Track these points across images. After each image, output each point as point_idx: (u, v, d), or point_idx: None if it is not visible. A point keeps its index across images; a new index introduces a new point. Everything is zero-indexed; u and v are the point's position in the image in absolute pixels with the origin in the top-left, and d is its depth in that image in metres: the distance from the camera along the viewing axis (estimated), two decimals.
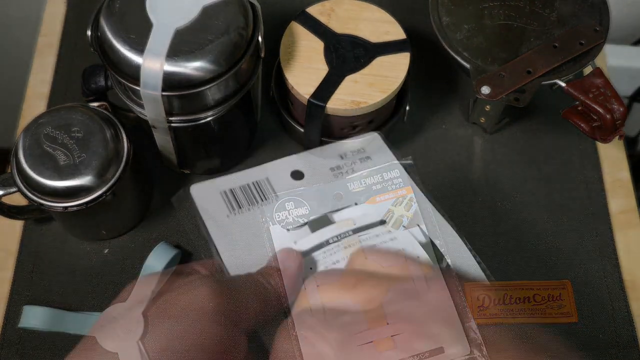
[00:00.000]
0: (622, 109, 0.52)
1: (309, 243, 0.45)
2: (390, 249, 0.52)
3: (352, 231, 0.45)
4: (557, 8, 0.57)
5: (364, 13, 0.58)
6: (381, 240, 0.52)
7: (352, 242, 0.52)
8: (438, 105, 0.65)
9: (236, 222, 0.44)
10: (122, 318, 0.54)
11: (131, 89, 0.49)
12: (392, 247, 0.53)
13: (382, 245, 0.53)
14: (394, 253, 0.53)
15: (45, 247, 0.57)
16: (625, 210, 0.60)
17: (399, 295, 0.53)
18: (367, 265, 0.54)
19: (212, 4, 0.49)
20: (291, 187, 0.46)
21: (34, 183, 0.49)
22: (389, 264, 0.53)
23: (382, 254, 0.53)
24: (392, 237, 0.50)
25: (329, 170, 0.47)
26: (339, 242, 0.46)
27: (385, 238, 0.53)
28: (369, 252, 0.53)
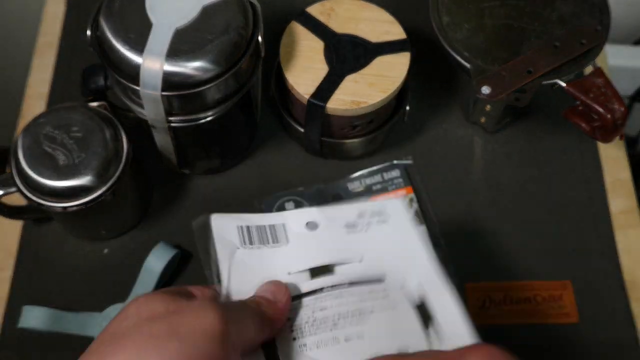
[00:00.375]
0: (623, 109, 0.52)
1: (306, 287, 0.44)
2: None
3: (348, 284, 0.45)
4: (557, 8, 0.56)
5: (364, 13, 0.58)
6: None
7: (344, 294, 0.45)
8: (438, 105, 0.65)
9: (244, 254, 0.45)
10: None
11: (131, 89, 0.49)
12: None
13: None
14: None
15: (45, 247, 0.57)
16: (625, 210, 0.60)
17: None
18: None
19: (212, 3, 0.49)
20: (304, 237, 0.46)
21: (34, 183, 0.49)
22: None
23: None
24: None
25: (343, 227, 0.47)
26: (332, 292, 0.43)
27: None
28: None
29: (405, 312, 0.43)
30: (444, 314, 0.42)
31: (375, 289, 0.44)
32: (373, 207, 0.48)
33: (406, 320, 0.43)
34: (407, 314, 0.43)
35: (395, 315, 0.42)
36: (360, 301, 0.42)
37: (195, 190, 0.60)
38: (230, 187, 0.60)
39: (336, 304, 0.42)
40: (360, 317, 0.41)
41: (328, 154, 0.61)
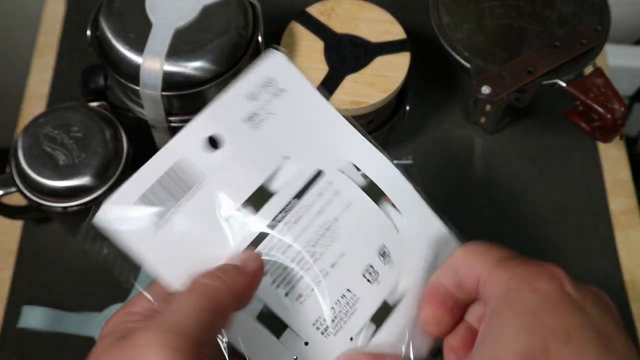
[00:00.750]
0: (623, 109, 0.52)
1: (258, 225, 0.35)
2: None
3: (295, 198, 0.36)
4: (557, 8, 0.56)
5: (364, 13, 0.57)
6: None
7: (299, 214, 0.36)
8: (438, 105, 0.65)
9: (165, 232, 0.35)
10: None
11: (131, 89, 0.49)
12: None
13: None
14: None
15: (45, 247, 0.57)
16: (625, 210, 0.60)
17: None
18: None
19: (212, 3, 0.49)
20: (217, 162, 0.35)
21: (34, 183, 0.49)
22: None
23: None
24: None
25: (246, 124, 0.36)
26: (286, 218, 0.35)
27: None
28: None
29: (363, 202, 0.37)
30: (402, 198, 0.37)
31: (323, 187, 0.37)
32: (256, 79, 0.37)
33: (369, 213, 0.37)
34: (367, 204, 0.37)
35: (358, 212, 0.37)
36: (319, 213, 0.36)
37: None
38: None
39: (299, 231, 0.35)
40: (330, 233, 0.36)
41: None
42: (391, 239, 0.37)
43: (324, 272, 0.35)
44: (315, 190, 0.36)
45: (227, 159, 0.35)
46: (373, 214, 0.38)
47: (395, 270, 0.37)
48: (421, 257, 0.38)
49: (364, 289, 0.36)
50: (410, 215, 0.39)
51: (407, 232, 0.38)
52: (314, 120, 0.38)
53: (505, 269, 0.32)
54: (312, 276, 0.35)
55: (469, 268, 0.33)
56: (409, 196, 0.39)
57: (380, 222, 0.38)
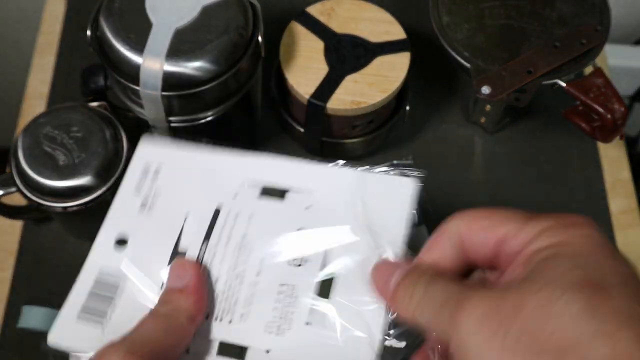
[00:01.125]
0: (623, 109, 0.52)
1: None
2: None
3: (204, 241, 0.39)
4: (557, 8, 0.56)
5: (364, 13, 0.57)
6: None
7: (213, 251, 0.39)
8: (438, 105, 0.65)
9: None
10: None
11: (131, 89, 0.49)
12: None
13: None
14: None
15: (45, 247, 0.57)
16: (625, 210, 0.60)
17: None
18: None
19: (212, 3, 0.49)
20: (126, 255, 0.39)
21: (34, 183, 0.49)
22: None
23: None
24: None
25: (138, 215, 0.40)
26: (204, 261, 0.38)
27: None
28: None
29: (265, 205, 0.39)
30: (309, 180, 0.39)
31: (224, 219, 0.39)
32: (136, 173, 0.41)
33: (274, 209, 0.39)
34: (269, 204, 0.39)
35: (263, 216, 0.39)
36: (228, 239, 0.39)
37: None
38: None
39: (218, 265, 0.38)
40: (244, 249, 0.38)
41: (328, 154, 0.61)
42: (303, 218, 0.39)
43: (253, 283, 0.37)
44: (218, 225, 0.39)
45: (136, 248, 0.39)
46: (278, 208, 0.39)
47: (321, 239, 0.38)
48: (344, 212, 0.39)
49: (296, 274, 0.37)
50: (320, 188, 0.40)
51: (319, 203, 0.39)
52: (197, 173, 0.41)
53: (538, 221, 0.29)
54: (245, 293, 0.37)
55: (479, 236, 0.31)
56: (316, 173, 0.41)
57: (286, 210, 0.39)
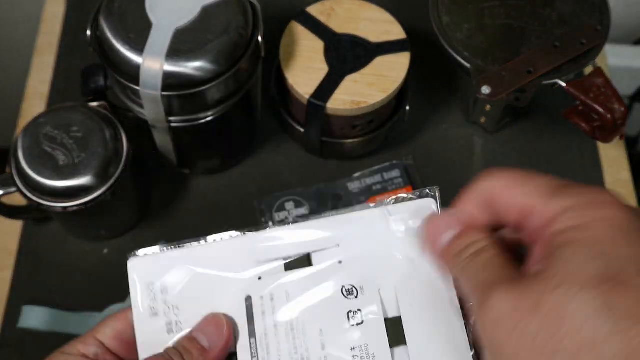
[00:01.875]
0: (623, 109, 0.52)
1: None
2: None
3: (249, 337, 0.36)
4: (557, 8, 0.56)
5: (364, 13, 0.57)
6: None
7: (266, 342, 0.36)
8: (438, 105, 0.65)
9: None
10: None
11: (131, 89, 0.49)
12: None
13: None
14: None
15: (45, 247, 0.57)
16: None
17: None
18: None
19: (212, 3, 0.49)
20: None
21: (34, 183, 0.49)
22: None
23: None
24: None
25: (167, 334, 0.37)
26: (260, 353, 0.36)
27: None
28: None
29: (296, 281, 0.37)
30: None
31: (258, 306, 0.37)
32: (143, 297, 0.37)
33: (306, 279, 0.37)
34: (299, 281, 0.37)
35: (299, 292, 0.36)
36: (275, 328, 0.36)
37: (195, 190, 0.60)
38: (230, 187, 0.60)
39: (276, 352, 0.35)
40: (297, 329, 0.36)
41: (328, 154, 0.61)
42: (342, 273, 0.37)
43: (322, 358, 0.35)
44: (257, 314, 0.36)
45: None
46: (311, 274, 0.37)
47: (370, 292, 0.36)
48: (378, 253, 0.37)
49: (362, 334, 0.35)
50: (342, 239, 0.38)
51: (349, 252, 0.37)
52: (206, 270, 0.37)
53: (563, 197, 0.28)
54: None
55: (509, 198, 0.30)
56: (334, 224, 0.38)
57: (321, 273, 0.37)
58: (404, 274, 0.36)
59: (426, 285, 0.36)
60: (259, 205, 0.58)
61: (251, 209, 0.58)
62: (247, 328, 0.36)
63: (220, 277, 0.37)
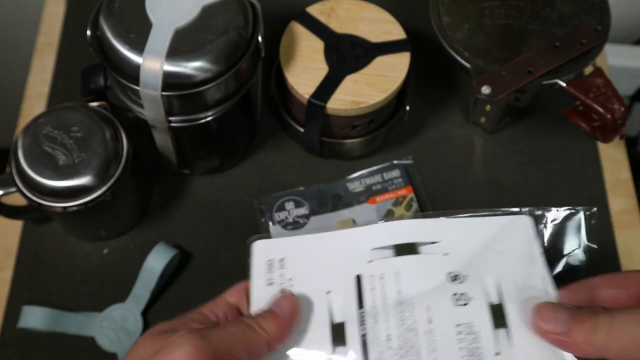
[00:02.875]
0: (623, 109, 0.52)
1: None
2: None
3: (359, 308, 0.40)
4: (557, 8, 0.56)
5: (364, 13, 0.57)
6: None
7: (374, 314, 0.40)
8: (438, 105, 0.65)
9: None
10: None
11: (131, 89, 0.49)
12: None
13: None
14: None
15: (45, 247, 0.57)
16: (625, 210, 0.60)
17: None
18: None
19: (212, 3, 0.49)
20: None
21: (34, 183, 0.49)
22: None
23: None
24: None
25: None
26: (368, 326, 0.39)
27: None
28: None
29: (405, 261, 0.41)
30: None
31: (369, 283, 0.41)
32: (261, 269, 0.43)
33: (419, 261, 0.41)
34: (410, 259, 0.41)
35: (409, 271, 0.40)
36: (384, 300, 0.39)
37: (195, 190, 0.60)
38: (230, 187, 0.60)
39: (385, 324, 0.38)
40: (404, 304, 0.39)
41: (328, 154, 0.61)
42: (447, 263, 0.41)
43: (428, 331, 0.38)
44: (366, 290, 0.40)
45: (294, 334, 0.40)
46: (419, 260, 0.41)
47: (474, 280, 0.40)
48: (480, 253, 0.42)
49: (467, 313, 0.38)
50: (445, 238, 0.42)
51: (454, 248, 0.41)
52: (320, 253, 0.43)
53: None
54: (425, 342, 0.38)
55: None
56: (434, 227, 0.43)
57: (428, 261, 0.41)
58: (505, 269, 0.40)
59: (524, 280, 0.40)
60: (259, 205, 0.58)
61: (251, 209, 0.58)
62: (355, 301, 0.40)
63: (332, 258, 0.42)
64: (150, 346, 0.37)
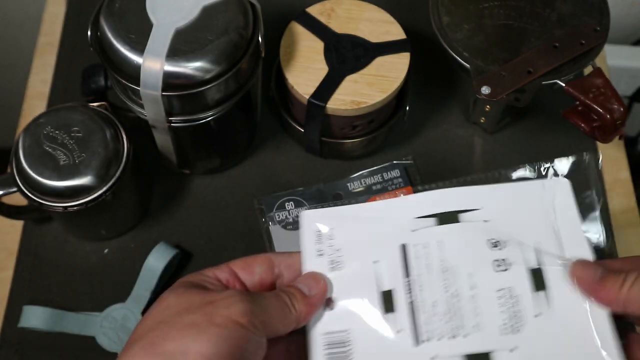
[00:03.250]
0: (622, 109, 0.52)
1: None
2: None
3: (406, 277, 0.42)
4: (557, 8, 0.57)
5: (364, 13, 0.58)
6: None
7: (420, 282, 0.41)
8: (438, 105, 0.65)
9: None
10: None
11: (131, 89, 0.49)
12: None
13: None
14: None
15: (45, 247, 0.57)
16: (625, 210, 0.60)
17: None
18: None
19: (212, 3, 0.49)
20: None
21: (34, 183, 0.49)
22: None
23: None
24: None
25: (330, 273, 0.42)
26: (414, 295, 0.41)
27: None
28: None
29: (447, 229, 0.43)
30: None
31: (414, 251, 0.42)
32: (310, 241, 0.44)
33: (459, 229, 0.43)
34: (453, 227, 0.43)
35: (454, 240, 0.42)
36: (427, 268, 0.41)
37: (195, 190, 0.60)
38: (231, 187, 0.60)
39: (429, 292, 0.41)
40: (448, 272, 0.41)
41: (328, 154, 0.61)
42: (488, 229, 0.42)
43: (471, 297, 0.40)
44: (411, 259, 0.42)
45: (344, 301, 0.41)
46: (460, 228, 0.43)
47: (513, 246, 0.42)
48: (520, 218, 0.43)
49: (507, 279, 0.40)
50: (484, 206, 0.44)
51: (493, 216, 0.43)
52: (367, 224, 0.44)
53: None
54: (468, 307, 0.40)
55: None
56: (481, 190, 0.45)
57: (469, 228, 0.43)
58: (544, 233, 0.42)
59: (562, 243, 0.42)
60: (259, 205, 0.58)
61: (251, 209, 0.58)
62: (401, 270, 0.41)
63: (377, 227, 0.43)
64: (197, 296, 0.37)
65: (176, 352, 0.34)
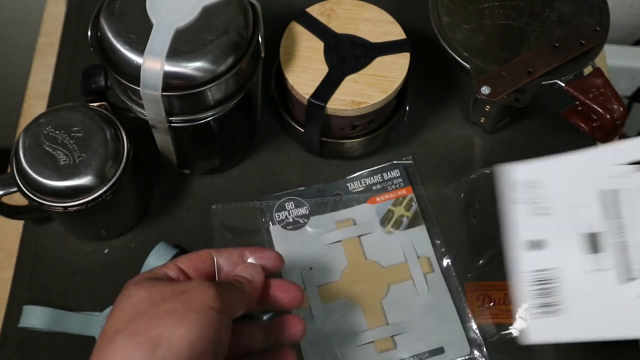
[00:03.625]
0: (622, 109, 0.52)
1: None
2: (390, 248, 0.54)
3: (615, 219, 0.48)
4: (557, 8, 0.57)
5: (364, 13, 0.58)
6: (381, 240, 0.54)
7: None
8: (438, 105, 0.65)
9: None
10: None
11: (131, 89, 0.49)
12: (392, 246, 0.55)
13: (382, 245, 0.54)
14: (393, 252, 0.55)
15: (45, 247, 0.57)
16: None
17: (399, 295, 0.54)
18: (367, 264, 0.55)
19: (212, 4, 0.49)
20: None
21: (34, 183, 0.49)
22: (388, 264, 0.54)
23: (381, 253, 0.55)
24: (391, 238, 0.52)
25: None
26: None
27: (385, 238, 0.55)
28: (369, 251, 0.55)
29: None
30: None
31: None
32: (520, 189, 0.49)
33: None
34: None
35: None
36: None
37: (195, 190, 0.60)
38: (230, 187, 0.60)
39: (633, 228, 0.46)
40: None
41: (328, 154, 0.61)
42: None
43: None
44: (624, 202, 0.46)
45: (555, 243, 0.47)
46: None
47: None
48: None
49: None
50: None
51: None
52: (569, 173, 0.49)
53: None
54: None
55: None
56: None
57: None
58: None
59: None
60: (259, 205, 0.58)
61: (251, 209, 0.58)
62: (607, 213, 0.46)
63: (579, 176, 0.48)
64: (167, 287, 0.40)
65: (160, 338, 0.37)
